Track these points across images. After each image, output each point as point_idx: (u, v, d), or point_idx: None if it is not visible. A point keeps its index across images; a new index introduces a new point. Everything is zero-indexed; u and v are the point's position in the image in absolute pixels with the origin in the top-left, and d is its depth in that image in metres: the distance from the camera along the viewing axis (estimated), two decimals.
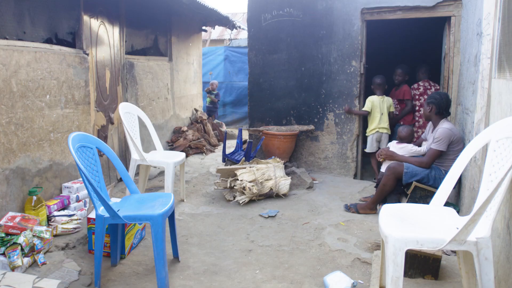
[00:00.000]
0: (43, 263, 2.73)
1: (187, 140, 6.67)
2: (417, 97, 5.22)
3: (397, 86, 5.33)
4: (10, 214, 2.86)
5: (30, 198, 3.08)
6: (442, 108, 3.63)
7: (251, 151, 5.15)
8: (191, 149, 6.71)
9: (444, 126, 3.53)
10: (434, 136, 3.54)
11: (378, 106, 5.08)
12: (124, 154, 4.95)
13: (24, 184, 3.20)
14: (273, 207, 4.19)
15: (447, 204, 2.45)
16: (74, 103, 3.84)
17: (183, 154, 4.37)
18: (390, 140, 5.17)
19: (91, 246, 3.03)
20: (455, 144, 3.51)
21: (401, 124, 5.08)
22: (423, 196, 3.52)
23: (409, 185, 3.59)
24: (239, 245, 3.35)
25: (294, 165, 5.34)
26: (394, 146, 3.94)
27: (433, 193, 3.46)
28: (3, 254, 2.61)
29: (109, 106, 4.60)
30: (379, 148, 5.30)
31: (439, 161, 3.58)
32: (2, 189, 2.98)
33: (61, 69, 3.61)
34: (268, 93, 5.70)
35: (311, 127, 5.42)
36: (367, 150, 5.23)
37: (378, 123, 5.10)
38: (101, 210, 2.62)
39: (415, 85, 5.26)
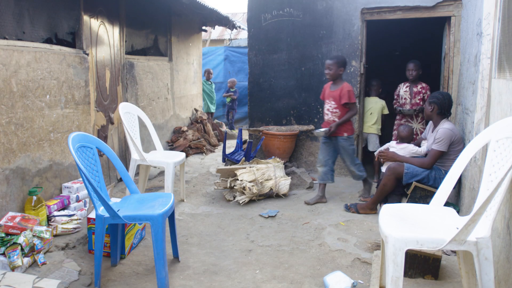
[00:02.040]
0: (43, 263, 2.73)
1: (187, 140, 6.67)
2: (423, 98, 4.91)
3: (334, 84, 4.21)
4: (10, 214, 2.86)
5: (30, 198, 3.08)
6: (444, 108, 3.63)
7: (251, 151, 5.15)
8: (191, 149, 6.71)
9: (445, 126, 3.53)
10: (435, 137, 3.53)
11: (368, 106, 5.38)
12: (124, 154, 4.95)
13: (24, 184, 3.20)
14: (273, 207, 4.19)
15: (447, 204, 2.45)
16: (74, 103, 3.84)
17: (183, 154, 4.37)
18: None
19: (91, 246, 3.03)
20: (456, 145, 3.50)
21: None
22: (423, 196, 3.52)
23: (409, 185, 3.59)
24: (239, 245, 3.35)
25: (294, 165, 5.34)
26: (394, 147, 3.94)
27: (433, 193, 3.45)
28: (3, 254, 2.61)
29: (109, 106, 4.60)
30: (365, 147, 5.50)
31: (439, 161, 3.58)
32: (2, 189, 2.98)
33: (61, 69, 3.61)
34: (268, 93, 5.70)
35: (311, 127, 5.42)
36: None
37: (365, 123, 5.44)
38: (101, 210, 2.62)
39: (424, 85, 4.87)
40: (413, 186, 3.54)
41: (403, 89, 4.98)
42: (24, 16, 3.33)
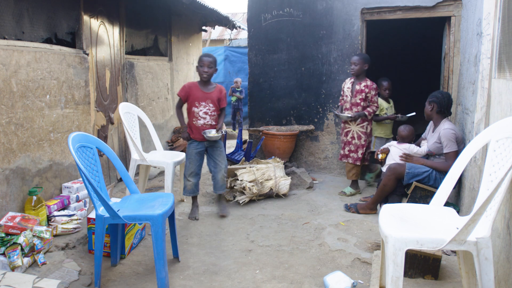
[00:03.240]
0: (43, 263, 2.73)
1: None
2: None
3: (207, 86, 3.89)
4: (10, 214, 2.86)
5: (30, 198, 3.08)
6: (443, 107, 3.62)
7: (251, 151, 5.16)
8: None
9: (446, 127, 3.52)
10: (441, 141, 3.50)
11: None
12: (124, 154, 4.95)
13: (24, 184, 3.19)
14: (273, 207, 4.19)
15: (447, 204, 2.45)
16: (74, 103, 3.84)
17: (183, 154, 4.36)
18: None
19: (91, 246, 3.03)
20: (458, 144, 3.50)
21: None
22: (423, 196, 3.52)
23: (409, 185, 3.59)
24: (239, 245, 3.35)
25: (294, 165, 5.34)
26: (396, 146, 3.92)
27: (433, 193, 3.44)
28: (3, 254, 2.61)
29: (109, 106, 4.60)
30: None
31: None
32: (2, 189, 2.98)
33: (61, 69, 3.61)
34: (268, 93, 5.70)
35: (311, 127, 5.42)
36: None
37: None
38: (101, 210, 2.62)
39: (369, 83, 4.43)
40: (413, 186, 3.54)
41: (347, 85, 4.54)
42: (24, 16, 3.33)
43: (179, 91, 3.89)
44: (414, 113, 4.65)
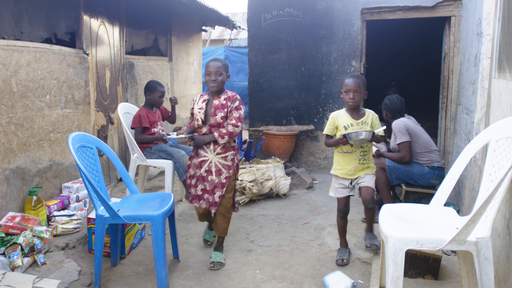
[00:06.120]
0: (43, 263, 2.73)
1: None
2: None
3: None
4: (10, 214, 2.86)
5: (30, 198, 3.08)
6: (395, 111, 3.71)
7: (251, 151, 5.16)
8: None
9: (397, 120, 3.61)
10: (394, 133, 3.61)
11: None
12: (124, 154, 4.95)
13: (24, 184, 3.19)
14: (273, 207, 4.19)
15: (447, 204, 2.45)
16: (74, 103, 3.84)
17: None
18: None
19: (91, 246, 3.03)
20: (414, 138, 3.54)
21: None
22: (417, 199, 3.54)
23: (398, 188, 3.61)
24: (239, 245, 3.35)
25: (294, 165, 5.34)
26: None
27: (426, 194, 3.48)
28: (3, 254, 2.61)
29: (109, 106, 4.60)
30: None
31: (414, 158, 3.58)
32: (2, 189, 2.98)
33: (61, 69, 3.61)
34: (268, 93, 5.70)
35: (311, 127, 5.42)
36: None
37: None
38: (101, 210, 2.62)
39: (230, 94, 3.03)
40: (404, 192, 3.56)
41: (198, 105, 3.04)
42: (23, 16, 3.33)
43: (142, 122, 4.00)
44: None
